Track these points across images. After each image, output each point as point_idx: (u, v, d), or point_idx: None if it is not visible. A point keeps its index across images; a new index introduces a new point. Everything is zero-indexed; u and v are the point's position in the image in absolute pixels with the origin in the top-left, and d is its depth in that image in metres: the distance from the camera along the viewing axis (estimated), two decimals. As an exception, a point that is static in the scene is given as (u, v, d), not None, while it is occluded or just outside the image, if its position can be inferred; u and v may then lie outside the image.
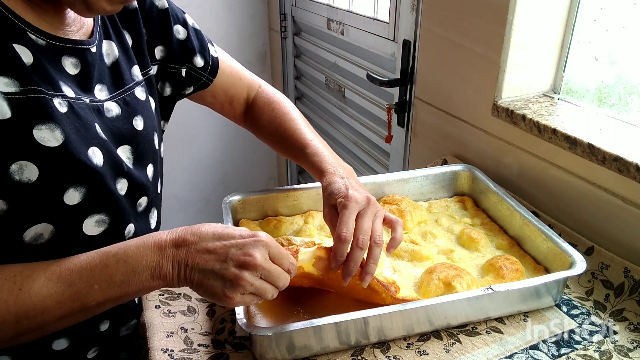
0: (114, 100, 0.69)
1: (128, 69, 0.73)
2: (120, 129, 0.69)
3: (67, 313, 0.56)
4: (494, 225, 0.88)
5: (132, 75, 0.73)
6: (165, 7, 0.80)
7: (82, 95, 0.64)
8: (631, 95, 0.91)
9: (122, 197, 0.67)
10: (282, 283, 0.59)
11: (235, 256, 0.56)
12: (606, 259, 0.78)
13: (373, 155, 1.70)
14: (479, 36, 1.01)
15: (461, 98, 1.11)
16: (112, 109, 0.68)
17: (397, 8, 1.35)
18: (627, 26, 0.91)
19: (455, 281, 0.70)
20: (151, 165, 0.75)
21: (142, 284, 0.57)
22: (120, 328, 0.76)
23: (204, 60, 0.85)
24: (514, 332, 0.69)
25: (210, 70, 0.87)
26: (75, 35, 0.65)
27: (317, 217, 0.90)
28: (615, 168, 0.76)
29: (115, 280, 0.56)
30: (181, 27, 0.82)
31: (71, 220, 0.62)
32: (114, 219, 0.67)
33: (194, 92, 0.88)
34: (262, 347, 0.63)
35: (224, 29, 2.25)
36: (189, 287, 0.59)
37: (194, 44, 0.84)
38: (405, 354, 0.65)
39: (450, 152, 1.17)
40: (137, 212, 0.72)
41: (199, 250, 0.57)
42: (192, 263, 0.57)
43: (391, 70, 1.46)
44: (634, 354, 0.65)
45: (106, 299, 0.57)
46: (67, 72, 0.63)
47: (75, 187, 0.60)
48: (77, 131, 0.60)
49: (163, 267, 0.57)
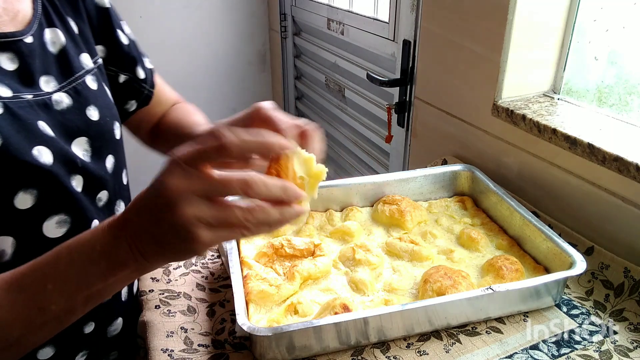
0: (64, 91, 0.65)
1: (77, 56, 0.69)
2: (72, 121, 0.64)
3: (29, 324, 0.49)
4: (494, 225, 0.88)
5: (81, 63, 0.69)
6: (106, 6, 0.76)
7: (24, 92, 0.60)
8: (631, 95, 0.91)
9: (79, 193, 0.64)
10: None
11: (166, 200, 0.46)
12: (606, 259, 0.78)
13: (373, 155, 1.70)
14: (479, 36, 1.01)
15: (461, 98, 1.11)
16: (62, 100, 0.64)
17: (397, 8, 1.35)
18: (627, 26, 0.91)
19: (449, 292, 0.68)
20: (111, 157, 0.71)
21: (103, 274, 0.49)
22: (107, 328, 0.73)
23: (144, 72, 0.82)
24: (514, 332, 0.69)
25: (150, 83, 0.83)
26: (7, 27, 0.61)
27: (317, 217, 0.90)
28: (615, 168, 0.76)
29: (71, 276, 0.49)
30: (122, 33, 0.78)
31: (29, 226, 0.58)
32: (75, 217, 0.63)
33: (137, 109, 0.83)
34: (262, 347, 0.63)
35: (224, 29, 2.25)
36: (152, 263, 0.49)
37: (135, 53, 0.80)
38: (405, 354, 0.65)
39: (450, 152, 1.17)
40: (98, 207, 0.68)
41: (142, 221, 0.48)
42: (140, 233, 0.48)
43: (391, 70, 1.46)
44: (634, 354, 0.65)
45: (69, 300, 0.49)
46: (4, 69, 0.59)
47: (25, 190, 0.57)
48: (17, 132, 0.56)
49: (119, 249, 0.48)
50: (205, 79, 2.29)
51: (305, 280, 0.74)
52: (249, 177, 0.46)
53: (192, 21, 2.17)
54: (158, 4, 2.09)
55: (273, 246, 0.79)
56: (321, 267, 0.75)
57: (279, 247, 0.78)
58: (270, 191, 0.47)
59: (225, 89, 2.35)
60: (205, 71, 2.28)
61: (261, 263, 0.77)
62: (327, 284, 0.75)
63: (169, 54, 2.16)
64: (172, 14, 2.12)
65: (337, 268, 0.78)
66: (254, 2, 2.27)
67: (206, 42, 2.24)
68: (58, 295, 0.49)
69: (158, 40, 2.11)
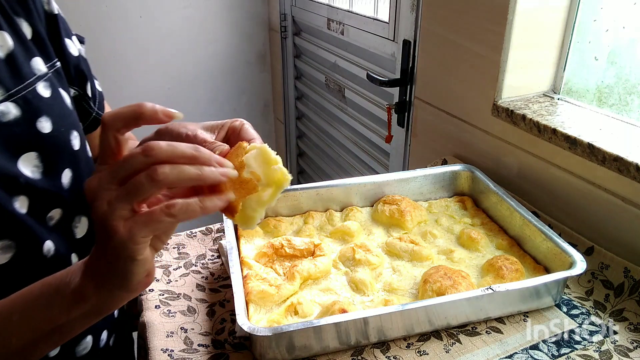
0: (12, 100, 0.58)
1: (27, 61, 0.62)
2: (19, 135, 0.58)
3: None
4: (494, 225, 0.88)
5: (32, 68, 0.62)
6: (54, 12, 0.68)
7: None
8: (631, 95, 0.91)
9: (24, 215, 0.58)
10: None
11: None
12: (606, 259, 0.78)
13: (373, 155, 1.70)
14: (479, 36, 1.01)
15: (461, 98, 1.11)
16: (9, 111, 0.58)
17: (397, 8, 1.35)
18: (627, 26, 0.91)
19: (449, 292, 0.68)
20: (69, 171, 0.64)
21: (67, 307, 0.47)
22: (75, 348, 0.67)
23: (92, 92, 0.74)
24: (514, 332, 0.69)
25: (99, 105, 0.75)
26: None
27: (317, 217, 0.90)
28: (615, 168, 0.76)
29: (37, 307, 0.47)
30: (72, 44, 0.71)
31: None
32: (21, 241, 0.57)
33: (84, 133, 0.73)
34: (262, 347, 0.63)
35: (224, 29, 2.25)
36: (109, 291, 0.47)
37: (85, 69, 0.73)
38: (405, 354, 0.65)
39: (450, 152, 1.17)
40: (49, 226, 0.62)
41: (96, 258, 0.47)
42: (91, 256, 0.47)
43: (391, 70, 1.46)
44: (634, 354, 0.65)
45: (32, 332, 0.47)
46: None
47: None
48: None
49: (83, 279, 0.47)
50: (205, 79, 2.29)
51: (305, 280, 0.74)
52: (152, 142, 0.43)
53: (192, 21, 2.17)
54: (158, 3, 2.09)
55: (273, 246, 0.79)
56: (321, 267, 0.75)
57: (279, 247, 0.78)
58: (177, 149, 0.44)
59: (225, 89, 2.35)
60: (205, 71, 2.28)
61: (261, 263, 0.77)
62: (327, 284, 0.75)
63: (169, 54, 2.16)
64: (172, 14, 2.12)
65: (337, 268, 0.78)
66: (254, 2, 2.27)
67: (206, 42, 2.24)
68: (22, 328, 0.48)
69: (158, 40, 2.11)
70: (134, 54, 2.10)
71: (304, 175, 2.41)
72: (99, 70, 0.79)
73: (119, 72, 2.10)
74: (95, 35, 2.01)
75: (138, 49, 2.10)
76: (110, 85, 2.15)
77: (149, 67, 2.13)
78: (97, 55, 2.07)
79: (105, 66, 2.06)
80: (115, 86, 2.11)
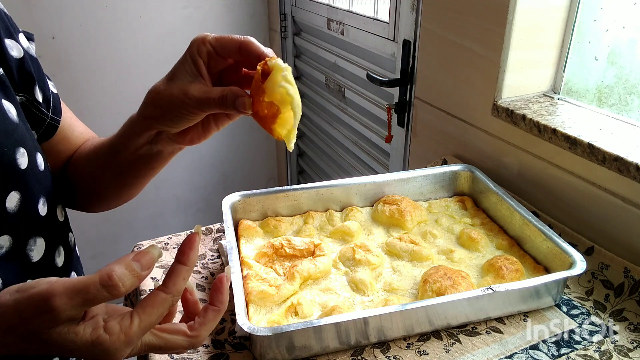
0: None
1: None
2: None
3: None
4: (494, 225, 0.88)
5: None
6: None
7: None
8: (631, 95, 0.91)
9: None
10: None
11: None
12: (606, 259, 0.78)
13: (373, 155, 1.70)
14: (479, 36, 1.01)
15: (461, 98, 1.11)
16: None
17: (397, 8, 1.35)
18: (627, 26, 0.91)
19: (449, 293, 0.68)
20: (16, 193, 0.56)
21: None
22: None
23: (42, 95, 0.64)
24: (514, 332, 0.69)
25: (53, 109, 0.66)
26: None
27: (317, 217, 0.90)
28: (615, 168, 0.76)
29: None
30: (14, 43, 0.61)
31: None
32: None
33: (39, 141, 0.65)
34: (262, 347, 0.63)
35: (224, 29, 2.25)
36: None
37: (31, 70, 0.63)
38: (405, 354, 0.66)
39: (450, 152, 1.17)
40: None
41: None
42: None
43: (391, 70, 1.46)
44: (634, 354, 0.65)
45: None
46: None
47: None
48: None
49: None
50: (205, 79, 2.29)
51: (305, 280, 0.74)
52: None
53: (192, 21, 2.17)
54: (158, 3, 2.09)
55: (273, 246, 0.79)
56: (321, 267, 0.75)
57: (279, 247, 0.78)
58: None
59: (225, 89, 2.35)
60: (205, 71, 2.28)
61: (261, 263, 0.77)
62: (327, 284, 0.75)
63: (169, 54, 2.16)
64: (172, 14, 2.12)
65: (337, 268, 0.78)
66: (254, 2, 2.27)
67: (206, 42, 2.24)
68: None
69: (158, 40, 2.11)
70: (134, 54, 2.10)
71: (304, 175, 2.41)
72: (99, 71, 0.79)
73: (118, 72, 2.10)
74: (95, 35, 2.01)
75: (138, 49, 2.10)
76: (110, 86, 2.16)
77: (149, 67, 2.13)
78: (97, 56, 2.08)
79: (105, 66, 2.07)
80: (115, 86, 2.11)
